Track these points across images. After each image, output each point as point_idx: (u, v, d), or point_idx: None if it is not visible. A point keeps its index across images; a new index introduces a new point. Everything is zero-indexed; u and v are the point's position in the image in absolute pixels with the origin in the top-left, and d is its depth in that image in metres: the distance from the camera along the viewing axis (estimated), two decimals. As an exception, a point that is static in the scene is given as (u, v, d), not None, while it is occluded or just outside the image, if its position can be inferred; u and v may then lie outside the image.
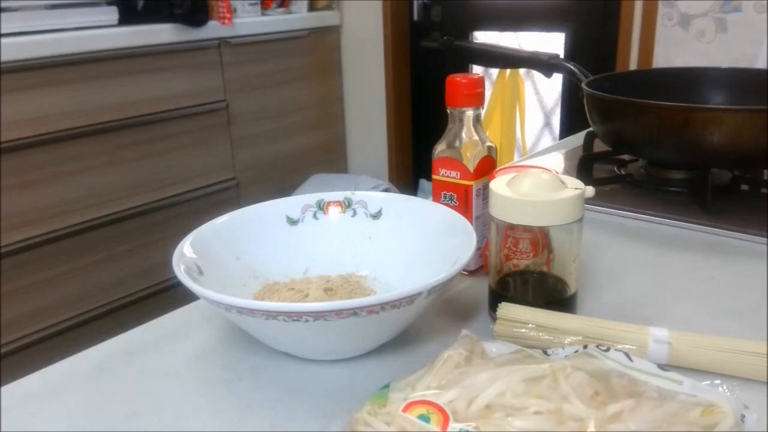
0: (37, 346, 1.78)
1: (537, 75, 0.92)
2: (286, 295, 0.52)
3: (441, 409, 0.33)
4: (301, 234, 0.56)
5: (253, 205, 0.56)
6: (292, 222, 0.57)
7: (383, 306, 0.40)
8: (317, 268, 0.56)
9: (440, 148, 0.55)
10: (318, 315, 0.39)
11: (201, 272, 0.46)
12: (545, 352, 0.40)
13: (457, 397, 0.34)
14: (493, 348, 0.41)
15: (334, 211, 0.58)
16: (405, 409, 0.34)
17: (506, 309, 0.46)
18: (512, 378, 0.35)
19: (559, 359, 0.38)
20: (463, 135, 0.54)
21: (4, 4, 1.66)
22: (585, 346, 0.40)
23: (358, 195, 0.58)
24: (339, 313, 0.39)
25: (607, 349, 0.39)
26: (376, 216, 0.57)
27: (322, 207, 0.58)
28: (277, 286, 0.53)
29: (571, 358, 0.38)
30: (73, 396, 0.44)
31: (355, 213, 0.57)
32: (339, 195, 0.58)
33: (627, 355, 0.38)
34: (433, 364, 0.38)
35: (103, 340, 0.50)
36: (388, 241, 0.56)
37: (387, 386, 0.37)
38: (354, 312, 0.39)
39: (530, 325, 0.45)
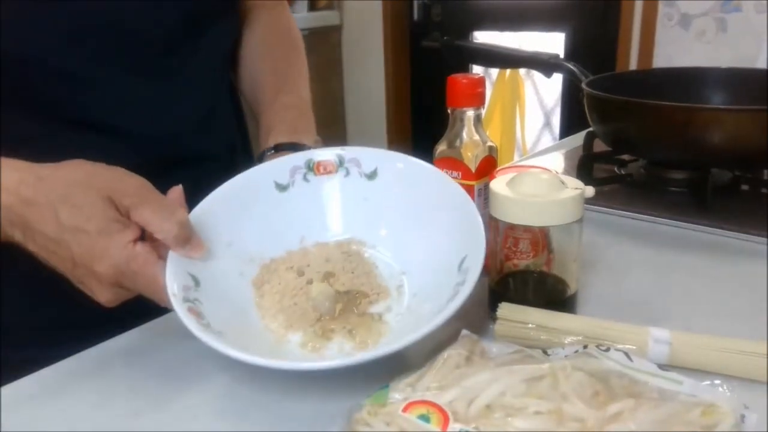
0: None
1: (537, 75, 0.92)
2: (286, 276, 0.51)
3: (441, 409, 0.33)
4: (293, 200, 0.53)
5: (239, 176, 0.53)
6: (282, 188, 0.53)
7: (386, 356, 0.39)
8: (313, 235, 0.53)
9: (441, 148, 0.55)
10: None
11: (197, 283, 0.45)
12: (545, 352, 0.40)
13: (457, 397, 0.34)
14: (493, 348, 0.41)
15: (325, 171, 0.54)
16: (405, 409, 0.34)
17: (506, 309, 0.46)
18: (512, 378, 0.35)
19: (559, 359, 0.38)
20: (464, 135, 0.54)
21: None
22: (585, 346, 0.40)
23: (349, 152, 0.54)
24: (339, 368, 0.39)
25: (607, 349, 0.39)
26: (372, 176, 0.54)
27: (312, 167, 0.54)
28: (274, 264, 0.51)
29: (571, 358, 0.38)
30: (73, 396, 0.43)
31: (348, 173, 0.54)
32: (330, 153, 0.54)
33: (627, 355, 0.38)
34: (433, 364, 0.38)
35: (102, 340, 0.50)
36: (385, 202, 0.53)
37: (387, 386, 0.37)
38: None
39: (530, 325, 0.45)
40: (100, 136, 0.59)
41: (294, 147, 0.61)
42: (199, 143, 0.67)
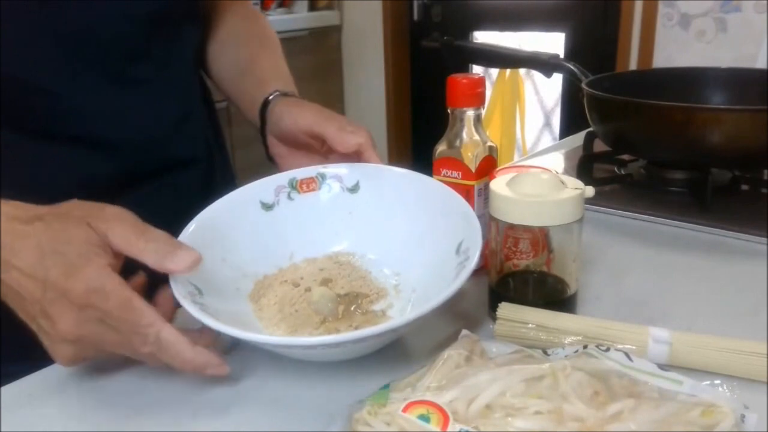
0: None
1: (537, 75, 0.92)
2: (281, 289, 0.52)
3: (441, 409, 0.33)
4: (279, 218, 0.54)
5: (225, 197, 0.54)
6: (268, 207, 0.54)
7: (404, 327, 0.40)
8: (302, 252, 0.54)
9: (441, 148, 0.55)
10: (339, 344, 0.40)
11: (200, 292, 0.45)
12: (545, 352, 0.40)
13: (457, 397, 0.34)
14: (493, 348, 0.41)
15: (308, 188, 0.55)
16: (405, 409, 0.34)
17: (506, 309, 0.46)
18: (512, 378, 0.35)
19: (559, 359, 0.38)
20: (464, 135, 0.54)
21: None
22: (585, 346, 0.40)
23: (331, 169, 0.56)
24: (361, 340, 0.40)
25: (607, 349, 0.39)
26: (354, 189, 0.55)
27: (295, 186, 0.55)
28: (268, 281, 0.52)
29: (571, 358, 0.38)
30: (73, 396, 0.44)
31: (330, 188, 0.55)
32: (311, 171, 0.56)
33: (627, 355, 0.38)
34: (433, 364, 0.38)
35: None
36: (370, 214, 0.54)
37: (387, 386, 0.37)
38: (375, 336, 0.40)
39: (530, 325, 0.45)
40: (75, 146, 0.59)
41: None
42: (175, 149, 0.67)
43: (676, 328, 0.43)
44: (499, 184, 0.48)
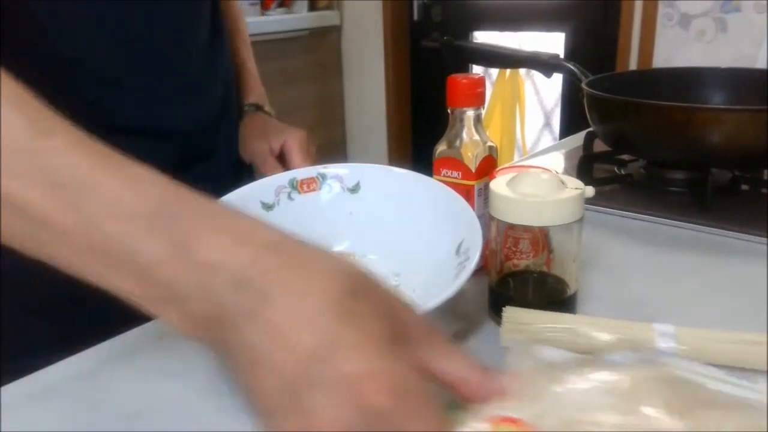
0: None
1: (537, 75, 0.92)
2: None
3: (525, 425, 0.31)
4: (279, 218, 0.54)
5: (225, 197, 0.53)
6: (268, 207, 0.55)
7: None
8: None
9: (441, 148, 0.55)
10: None
11: None
12: (600, 359, 0.38)
13: (541, 412, 0.31)
14: (546, 353, 0.38)
15: (309, 189, 0.56)
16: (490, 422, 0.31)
17: (511, 312, 0.45)
18: (588, 388, 0.32)
19: (627, 366, 0.35)
20: (464, 135, 0.54)
21: None
22: (641, 352, 0.37)
23: (331, 169, 0.56)
24: None
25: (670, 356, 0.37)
26: (354, 190, 0.55)
27: (295, 186, 0.56)
28: None
29: (639, 368, 0.35)
30: (73, 396, 0.43)
31: (331, 188, 0.56)
32: (311, 171, 0.56)
33: (694, 361, 0.36)
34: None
35: (102, 340, 0.50)
36: (370, 214, 0.54)
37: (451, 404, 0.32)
38: None
39: (538, 325, 0.44)
40: (122, 135, 0.61)
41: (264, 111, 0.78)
42: (211, 140, 0.71)
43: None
44: (499, 184, 0.47)
